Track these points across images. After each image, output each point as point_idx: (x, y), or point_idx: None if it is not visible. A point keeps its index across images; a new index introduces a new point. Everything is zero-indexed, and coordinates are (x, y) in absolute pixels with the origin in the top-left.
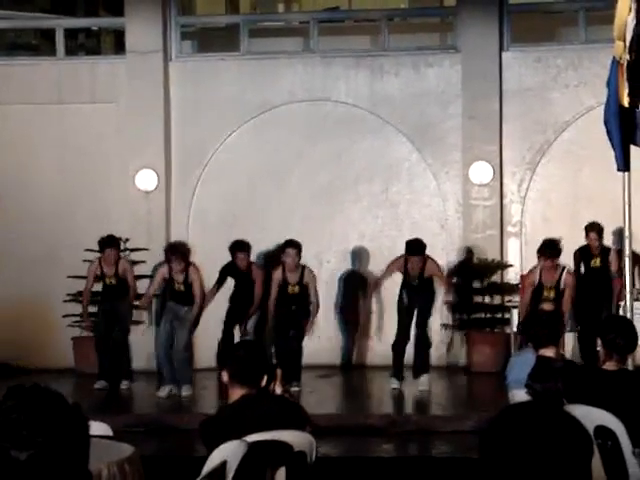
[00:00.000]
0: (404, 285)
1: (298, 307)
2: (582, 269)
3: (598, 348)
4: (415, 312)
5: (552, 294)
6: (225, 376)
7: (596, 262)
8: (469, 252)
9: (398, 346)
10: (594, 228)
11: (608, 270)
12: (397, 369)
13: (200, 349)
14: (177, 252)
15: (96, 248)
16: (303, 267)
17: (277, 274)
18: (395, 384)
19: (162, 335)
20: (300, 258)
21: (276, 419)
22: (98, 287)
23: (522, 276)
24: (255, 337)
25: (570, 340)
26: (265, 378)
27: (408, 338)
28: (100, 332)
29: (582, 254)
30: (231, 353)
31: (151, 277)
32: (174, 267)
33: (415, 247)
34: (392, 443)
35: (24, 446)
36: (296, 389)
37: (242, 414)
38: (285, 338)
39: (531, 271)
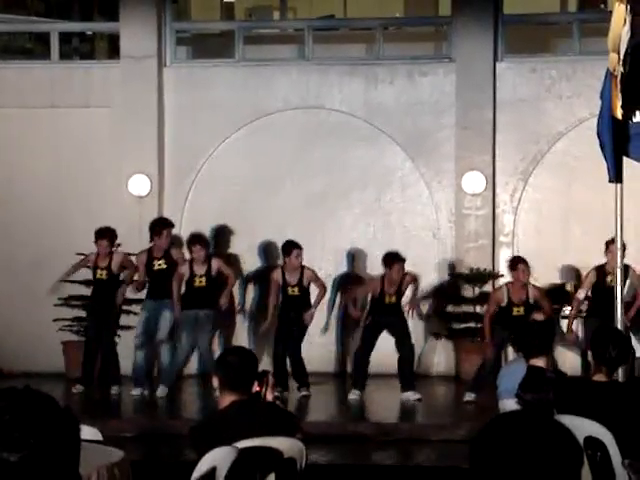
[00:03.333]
0: (373, 309)
1: (297, 313)
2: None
3: (589, 359)
4: (392, 334)
5: (522, 311)
6: (215, 382)
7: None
8: (459, 262)
9: (362, 359)
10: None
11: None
12: (358, 379)
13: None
14: (199, 240)
15: (87, 252)
16: (302, 267)
17: (276, 275)
18: (356, 395)
19: (184, 352)
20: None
21: (266, 426)
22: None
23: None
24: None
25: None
26: (256, 384)
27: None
28: (91, 335)
29: (598, 272)
30: (221, 359)
31: None
32: (196, 257)
33: (396, 255)
34: (383, 451)
35: (15, 448)
36: (306, 393)
37: (232, 420)
38: (284, 344)
39: (498, 288)
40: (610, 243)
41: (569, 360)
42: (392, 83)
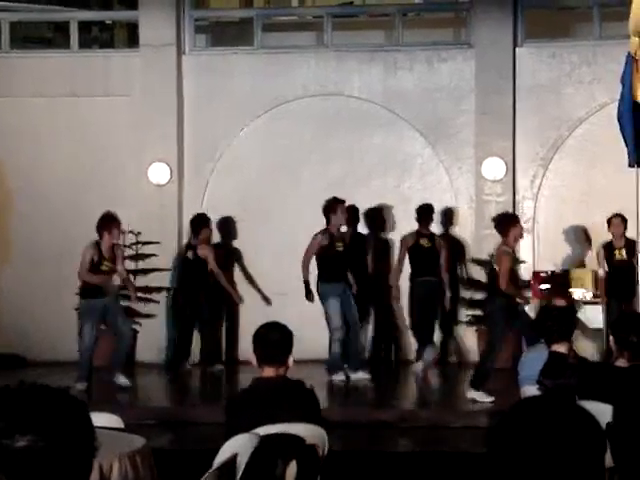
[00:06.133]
0: (416, 273)
1: None
2: (606, 266)
3: (610, 344)
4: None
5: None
6: (254, 359)
7: (621, 254)
8: (479, 248)
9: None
10: (618, 215)
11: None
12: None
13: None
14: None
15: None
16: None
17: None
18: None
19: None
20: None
21: (289, 404)
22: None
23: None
24: None
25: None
26: (291, 358)
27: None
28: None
29: (606, 249)
30: (256, 334)
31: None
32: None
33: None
34: (403, 438)
35: (26, 439)
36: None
37: (256, 396)
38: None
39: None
40: (613, 217)
41: (588, 346)
42: (411, 69)
